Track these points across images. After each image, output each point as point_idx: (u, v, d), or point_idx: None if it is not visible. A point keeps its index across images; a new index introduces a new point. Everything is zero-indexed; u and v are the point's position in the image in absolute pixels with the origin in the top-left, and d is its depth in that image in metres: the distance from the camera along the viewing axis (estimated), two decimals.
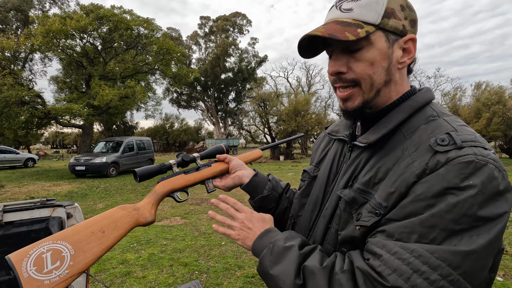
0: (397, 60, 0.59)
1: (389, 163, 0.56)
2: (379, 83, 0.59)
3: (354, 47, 0.57)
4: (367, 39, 0.56)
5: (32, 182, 10.80)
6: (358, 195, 0.59)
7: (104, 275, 3.33)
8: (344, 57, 0.59)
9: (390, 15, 0.56)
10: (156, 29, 16.45)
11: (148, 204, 0.75)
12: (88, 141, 17.00)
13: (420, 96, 0.61)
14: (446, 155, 0.49)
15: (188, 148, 35.38)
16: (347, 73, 0.59)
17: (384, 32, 0.57)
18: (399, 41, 0.58)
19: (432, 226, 0.46)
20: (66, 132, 52.33)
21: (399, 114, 0.59)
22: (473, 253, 0.44)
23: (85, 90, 16.34)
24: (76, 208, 1.38)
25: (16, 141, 24.32)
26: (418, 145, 0.53)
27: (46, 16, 14.92)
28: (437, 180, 0.48)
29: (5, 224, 1.25)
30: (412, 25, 0.59)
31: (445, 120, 0.56)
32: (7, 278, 1.27)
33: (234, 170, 0.86)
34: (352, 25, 0.56)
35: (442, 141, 0.51)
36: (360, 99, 0.61)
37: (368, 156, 0.62)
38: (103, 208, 6.60)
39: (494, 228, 0.46)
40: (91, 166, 11.93)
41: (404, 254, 0.46)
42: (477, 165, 0.47)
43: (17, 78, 13.50)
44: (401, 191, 0.51)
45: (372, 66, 0.57)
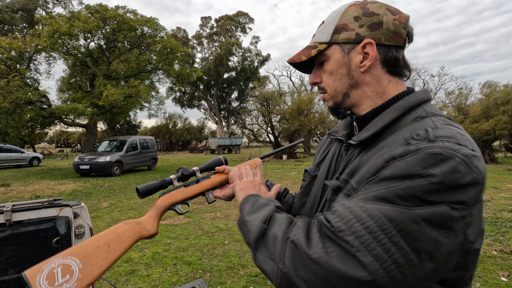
0: (357, 65, 0.65)
1: (371, 155, 0.61)
2: (341, 87, 0.68)
3: (320, 62, 0.70)
4: (323, 54, 0.68)
5: (37, 181, 10.91)
6: (342, 184, 0.66)
7: (109, 273, 3.37)
8: (318, 70, 0.72)
9: (340, 30, 0.65)
10: (160, 28, 16.50)
11: (150, 218, 0.79)
12: (92, 140, 17.12)
13: (413, 97, 0.64)
14: (417, 146, 0.52)
15: (191, 147, 35.45)
16: (321, 83, 0.72)
17: (339, 45, 0.66)
18: (356, 48, 0.65)
19: (383, 198, 0.50)
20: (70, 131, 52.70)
21: (390, 113, 0.63)
22: (413, 216, 0.47)
23: (90, 89, 16.45)
24: (82, 208, 1.40)
25: (21, 140, 24.56)
26: (396, 139, 0.58)
27: (51, 16, 15.03)
28: (402, 165, 0.51)
29: (13, 223, 1.27)
30: (372, 29, 0.63)
31: (431, 120, 0.59)
32: (16, 277, 1.29)
33: (233, 179, 0.89)
34: (310, 48, 0.69)
35: (418, 136, 0.54)
36: (331, 101, 0.72)
37: (358, 153, 0.67)
38: (107, 207, 6.66)
39: (436, 209, 0.47)
40: (95, 165, 12.02)
41: (354, 207, 0.52)
42: (442, 157, 0.49)
43: (23, 78, 13.62)
44: (369, 175, 0.56)
45: (332, 74, 0.68)
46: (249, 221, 0.64)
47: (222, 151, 30.49)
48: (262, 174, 0.96)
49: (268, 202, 0.69)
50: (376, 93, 0.67)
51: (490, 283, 2.95)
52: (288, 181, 9.96)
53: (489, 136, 15.73)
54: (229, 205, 6.67)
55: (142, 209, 6.39)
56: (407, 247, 0.47)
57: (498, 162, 15.99)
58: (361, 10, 0.64)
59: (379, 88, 0.66)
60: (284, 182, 9.77)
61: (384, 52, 0.64)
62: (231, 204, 6.70)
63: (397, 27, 0.63)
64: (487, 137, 15.78)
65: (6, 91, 11.99)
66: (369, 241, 0.48)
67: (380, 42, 0.63)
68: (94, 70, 15.26)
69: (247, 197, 0.75)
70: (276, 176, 11.27)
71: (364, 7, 0.65)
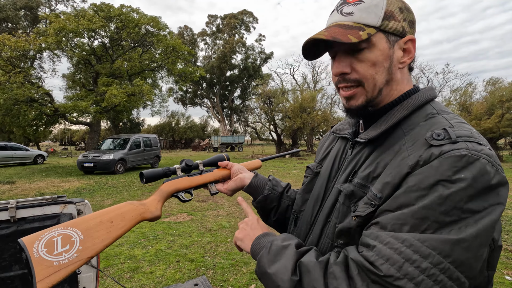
0: (397, 60, 0.62)
1: (388, 158, 0.58)
2: (381, 83, 0.62)
3: (356, 48, 0.60)
4: (369, 40, 0.59)
5: (41, 179, 11.01)
6: (357, 189, 0.61)
7: (112, 270, 3.39)
8: (347, 58, 0.62)
9: (389, 17, 0.59)
10: (163, 27, 16.51)
11: (154, 201, 0.78)
12: (96, 138, 17.22)
13: (421, 95, 0.63)
14: (440, 148, 0.50)
15: (194, 145, 35.52)
16: (351, 74, 0.62)
17: (385, 34, 0.60)
18: (399, 42, 0.61)
19: (423, 218, 0.47)
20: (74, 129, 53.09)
21: (400, 111, 0.61)
22: (462, 242, 0.46)
23: (93, 87, 16.52)
24: (86, 205, 1.40)
25: (25, 138, 24.77)
26: (415, 140, 0.55)
27: (56, 15, 15.10)
28: (429, 172, 0.49)
29: (18, 220, 1.28)
30: (410, 26, 0.62)
31: (443, 117, 0.58)
32: (20, 273, 1.30)
33: (235, 174, 0.90)
34: (354, 28, 0.59)
35: (438, 136, 0.52)
36: (363, 98, 0.63)
37: (368, 152, 0.64)
38: (110, 204, 6.70)
39: (482, 220, 0.47)
40: (98, 163, 12.09)
41: (396, 243, 0.48)
42: (469, 159, 0.48)
43: (27, 76, 13.71)
44: (395, 182, 0.53)
45: (375, 66, 0.61)
46: (274, 274, 0.57)
47: (225, 149, 30.51)
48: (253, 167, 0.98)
49: (285, 242, 0.62)
50: (397, 92, 0.64)
51: (495, 281, 2.93)
52: (291, 179, 9.96)
53: (494, 134, 15.59)
54: (232, 203, 6.68)
55: None
56: (463, 277, 0.46)
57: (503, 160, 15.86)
58: (401, 2, 0.62)
59: (402, 87, 0.65)
60: (287, 180, 9.73)
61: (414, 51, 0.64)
62: (234, 202, 6.71)
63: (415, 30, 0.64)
64: (492, 135, 15.64)
65: (8, 88, 12.06)
66: (425, 282, 0.45)
67: None
68: (98, 69, 15.31)
69: (257, 241, 0.68)
70: (278, 174, 11.27)
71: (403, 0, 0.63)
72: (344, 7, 0.62)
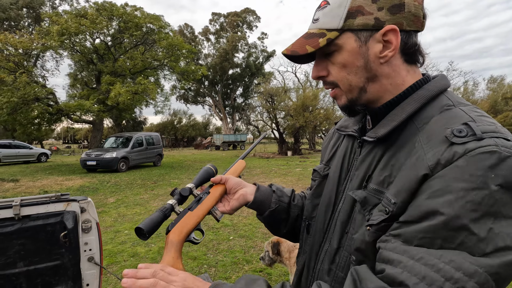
0: (376, 56, 0.56)
1: (402, 158, 0.53)
2: (357, 82, 0.59)
3: (328, 52, 0.59)
4: (334, 44, 0.57)
5: (45, 177, 11.08)
6: (371, 195, 0.56)
7: (116, 267, 3.42)
8: (324, 62, 0.61)
9: (355, 14, 0.55)
10: (165, 25, 16.51)
11: (173, 260, 0.68)
12: (99, 136, 17.30)
13: (433, 85, 0.58)
14: (465, 146, 0.44)
15: (196, 143, 35.58)
16: (327, 76, 0.62)
17: (353, 32, 0.56)
18: (375, 36, 0.55)
19: (457, 229, 0.41)
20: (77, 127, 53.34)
21: (410, 105, 0.56)
22: (507, 264, 0.40)
23: (96, 86, 16.58)
24: (89, 203, 1.41)
25: (29, 136, 24.94)
26: (431, 137, 0.50)
27: (58, 14, 15.14)
28: (456, 173, 0.43)
29: (22, 217, 1.29)
30: (393, 12, 0.54)
31: (461, 110, 0.52)
32: (25, 270, 1.32)
33: (234, 189, 0.81)
34: (315, 36, 0.57)
35: (460, 132, 0.46)
36: (344, 98, 0.62)
37: (381, 153, 0.59)
38: (114, 202, 6.74)
39: None
40: (101, 161, 12.15)
41: (432, 259, 0.41)
42: (500, 156, 0.42)
43: (31, 75, 13.79)
44: (412, 186, 0.47)
45: (345, 68, 0.58)
46: None
47: (227, 147, 30.54)
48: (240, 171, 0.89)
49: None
50: (395, 86, 0.59)
51: None
52: (293, 177, 9.95)
53: None
54: None
55: (148, 205, 6.45)
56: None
57: None
58: None
59: (399, 80, 0.59)
60: (289, 179, 9.76)
61: (405, 39, 0.56)
62: None
63: (417, 9, 0.55)
64: None
65: (15, 88, 12.16)
66: None
67: (402, 28, 0.55)
68: (100, 67, 15.36)
69: None
70: (281, 173, 11.27)
71: None
72: (316, 12, 0.60)
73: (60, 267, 1.36)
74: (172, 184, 9.17)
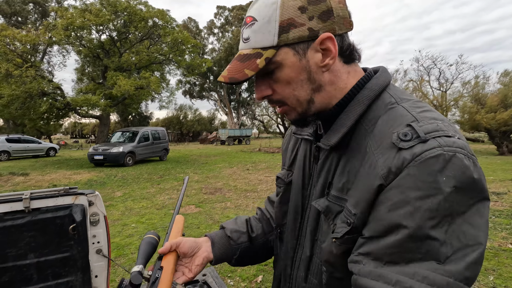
0: (317, 66, 0.55)
1: (357, 164, 0.53)
2: (304, 95, 0.57)
3: (267, 71, 0.56)
4: (272, 62, 0.54)
5: (54, 171, 11.28)
6: (332, 203, 0.57)
7: (123, 259, 3.48)
8: (266, 81, 0.58)
9: (287, 28, 0.52)
10: (170, 20, 16.49)
11: None
12: (105, 131, 17.50)
13: (374, 83, 0.58)
14: (411, 151, 0.45)
15: (201, 138, 35.74)
16: (273, 95, 0.58)
17: (290, 46, 0.53)
18: (313, 46, 0.54)
19: (422, 239, 0.42)
20: (84, 122, 54.01)
21: (356, 108, 0.56)
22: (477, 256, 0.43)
23: (102, 81, 16.71)
24: (97, 196, 1.43)
25: (38, 131, 25.33)
26: (380, 141, 0.50)
27: (65, 8, 15.22)
28: (410, 182, 0.44)
29: (32, 210, 1.32)
30: (324, 19, 0.52)
31: (404, 108, 0.52)
32: (35, 261, 1.35)
33: (191, 253, 0.74)
34: (252, 57, 0.54)
35: (405, 136, 0.47)
36: (294, 113, 0.60)
37: (337, 158, 0.59)
38: (121, 196, 6.84)
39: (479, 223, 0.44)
40: (108, 156, 12.30)
41: (407, 281, 0.42)
42: (446, 158, 0.43)
43: (38, 70, 13.95)
44: (369, 197, 0.48)
45: (290, 84, 0.56)
46: None
47: (233, 142, 30.62)
48: (182, 229, 0.80)
49: None
50: (339, 90, 0.58)
51: (505, 276, 2.90)
52: None
53: (508, 127, 15.19)
54: (239, 195, 6.73)
55: (155, 199, 6.53)
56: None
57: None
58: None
59: (342, 84, 0.58)
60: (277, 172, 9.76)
61: (340, 43, 0.55)
62: (241, 195, 6.76)
63: (343, 11, 0.55)
64: (506, 128, 15.24)
65: (21, 82, 12.33)
66: None
67: (335, 33, 0.53)
68: (106, 62, 15.45)
69: None
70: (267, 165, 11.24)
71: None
72: (243, 31, 0.56)
73: (70, 259, 1.39)
74: (178, 178, 9.25)
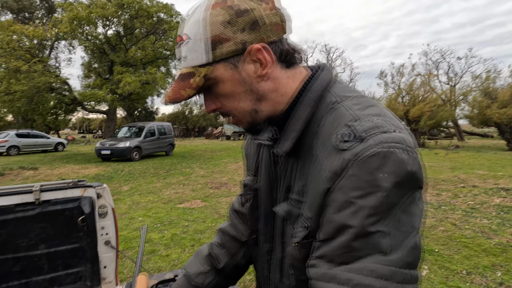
0: (253, 77, 0.55)
1: (309, 166, 0.55)
2: (248, 106, 0.57)
3: (207, 86, 0.56)
4: (210, 79, 0.54)
5: (62, 165, 11.47)
6: (293, 207, 0.58)
7: (131, 252, 3.54)
8: (211, 95, 0.59)
9: (218, 44, 0.52)
10: (176, 14, 16.46)
11: None
12: (112, 126, 17.68)
13: (316, 83, 0.58)
14: (352, 152, 0.46)
15: (207, 133, 35.87)
16: (221, 108, 0.59)
17: (224, 62, 0.53)
18: (245, 58, 0.54)
19: (367, 236, 0.44)
20: (91, 118, 54.62)
21: (302, 111, 0.56)
22: (414, 240, 0.45)
23: (108, 76, 16.83)
24: (104, 189, 1.46)
25: (46, 126, 25.71)
26: (325, 144, 0.51)
27: (71, 3, 15.30)
28: (352, 183, 0.45)
29: (42, 202, 1.35)
30: (252, 28, 0.52)
31: (345, 107, 0.53)
32: (46, 252, 1.38)
33: None
34: (190, 76, 0.54)
35: (345, 137, 0.48)
36: (244, 123, 0.61)
37: (294, 162, 0.60)
38: (128, 190, 6.93)
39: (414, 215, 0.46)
40: (115, 151, 12.44)
41: (356, 278, 0.44)
42: (383, 154, 0.45)
43: (45, 65, 14.11)
44: (319, 199, 0.50)
45: (230, 97, 0.57)
46: None
47: (238, 137, 30.68)
48: None
49: None
50: (284, 95, 0.58)
51: None
52: None
53: None
54: None
55: (161, 193, 6.60)
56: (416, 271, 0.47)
57: None
58: (226, 11, 0.52)
59: (284, 89, 0.58)
60: None
61: (275, 50, 0.55)
62: None
63: (273, 17, 0.53)
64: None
65: (29, 77, 12.49)
66: None
67: (267, 42, 0.53)
68: (112, 57, 15.53)
69: None
70: None
71: (228, 5, 0.52)
72: (180, 49, 0.57)
73: (79, 249, 1.42)
74: (183, 173, 9.32)
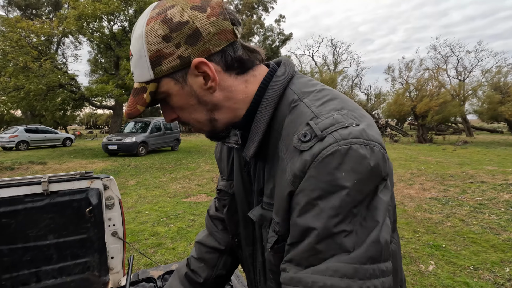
0: (202, 89, 0.53)
1: (276, 169, 0.53)
2: (203, 117, 0.56)
3: (160, 100, 0.56)
4: (159, 93, 0.54)
5: (70, 160, 11.64)
6: (265, 210, 0.57)
7: (138, 245, 3.59)
8: (167, 107, 0.58)
9: (158, 61, 0.50)
10: None
11: None
12: (119, 121, 17.83)
13: (276, 82, 0.56)
14: (311, 152, 0.45)
15: None
16: (179, 117, 0.59)
17: (169, 77, 0.52)
18: (190, 72, 0.52)
19: (331, 237, 0.43)
20: (98, 113, 55.20)
21: (263, 113, 0.55)
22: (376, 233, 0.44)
23: (114, 72, 16.94)
24: (111, 180, 1.47)
25: (54, 121, 26.06)
26: (287, 145, 0.50)
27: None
28: (312, 184, 0.44)
29: (50, 193, 1.37)
30: (192, 42, 0.49)
31: (305, 104, 0.51)
32: (54, 242, 1.40)
33: None
34: (140, 91, 0.54)
35: (305, 137, 0.47)
36: (204, 131, 0.60)
37: (263, 165, 0.59)
38: (134, 185, 7.01)
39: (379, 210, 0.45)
40: (122, 146, 12.57)
41: (320, 279, 0.43)
42: (341, 152, 0.43)
43: (54, 62, 14.26)
44: (284, 204, 0.49)
45: (184, 109, 0.56)
46: None
47: None
48: None
49: None
50: (241, 101, 0.56)
51: None
52: None
53: None
54: None
55: (167, 187, 6.66)
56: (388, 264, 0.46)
57: None
58: (164, 24, 0.49)
59: (241, 95, 0.56)
60: None
61: (222, 60, 0.52)
62: None
63: (217, 25, 0.50)
64: None
65: (40, 75, 12.65)
66: None
67: (211, 52, 0.51)
68: (118, 53, 15.61)
69: None
70: None
71: (164, 18, 0.49)
72: (131, 64, 0.55)
73: (87, 240, 1.44)
74: (189, 168, 9.38)
